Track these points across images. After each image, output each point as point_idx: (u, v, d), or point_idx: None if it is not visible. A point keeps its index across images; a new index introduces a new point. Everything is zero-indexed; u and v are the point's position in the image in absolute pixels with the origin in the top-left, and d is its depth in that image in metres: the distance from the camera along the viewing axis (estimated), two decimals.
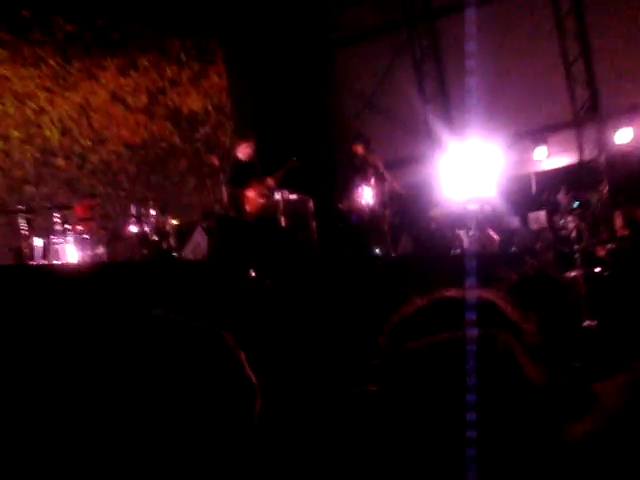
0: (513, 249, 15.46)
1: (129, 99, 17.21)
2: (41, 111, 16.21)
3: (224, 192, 15.78)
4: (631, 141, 16.17)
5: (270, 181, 14.20)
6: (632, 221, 14.43)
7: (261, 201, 14.09)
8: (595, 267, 13.16)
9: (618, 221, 14.66)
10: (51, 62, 16.34)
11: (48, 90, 16.38)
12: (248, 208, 14.06)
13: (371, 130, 17.12)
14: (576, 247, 14.37)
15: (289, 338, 8.96)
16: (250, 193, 13.93)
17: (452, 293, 2.29)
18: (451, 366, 1.83)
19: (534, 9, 17.24)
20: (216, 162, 16.20)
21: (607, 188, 15.44)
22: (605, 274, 12.92)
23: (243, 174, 14.05)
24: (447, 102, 18.21)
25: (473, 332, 1.89)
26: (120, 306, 8.25)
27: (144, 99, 17.38)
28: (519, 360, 1.85)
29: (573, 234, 14.89)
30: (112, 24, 17.13)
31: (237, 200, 14.22)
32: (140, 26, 17.57)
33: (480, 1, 15.84)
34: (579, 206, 14.99)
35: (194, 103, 18.12)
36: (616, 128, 16.55)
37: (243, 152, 14.20)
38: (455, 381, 1.81)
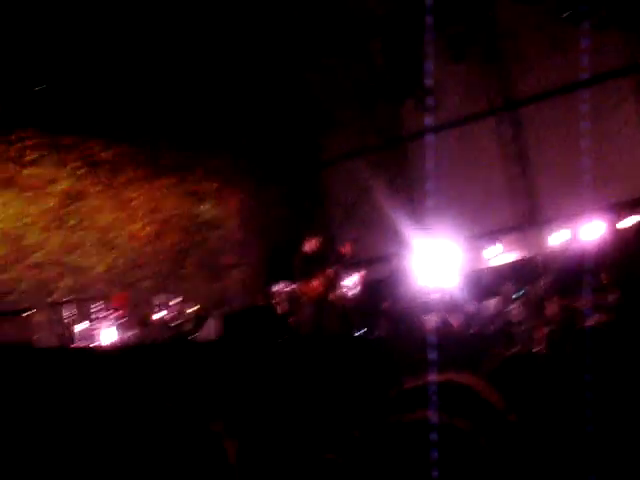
0: (471, 331, 14.92)
1: (160, 211, 17.15)
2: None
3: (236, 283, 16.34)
4: (563, 243, 16.09)
5: (330, 271, 13.92)
6: (563, 308, 13.81)
7: (321, 288, 13.83)
8: (535, 346, 12.21)
9: (550, 308, 14.11)
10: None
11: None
12: (310, 293, 13.85)
13: (351, 234, 16.96)
14: (519, 329, 14.10)
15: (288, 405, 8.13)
16: (314, 281, 13.74)
17: (439, 377, 2.29)
18: (413, 442, 1.80)
19: (481, 137, 17.25)
20: (229, 260, 16.73)
21: (544, 281, 15.03)
22: (542, 353, 12.91)
23: (308, 265, 13.89)
24: (415, 211, 17.92)
25: (434, 417, 1.85)
26: (139, 387, 8.02)
27: (169, 209, 17.34)
28: (477, 441, 1.81)
29: (516, 319, 14.59)
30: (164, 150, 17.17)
31: (300, 289, 13.94)
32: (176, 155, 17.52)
33: (439, 129, 16.41)
34: (522, 296, 14.83)
35: (209, 212, 18.03)
36: (551, 232, 16.44)
37: (309, 246, 14.04)
38: (417, 453, 1.77)
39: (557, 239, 16.30)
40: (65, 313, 12.77)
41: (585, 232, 15.58)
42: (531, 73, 16.50)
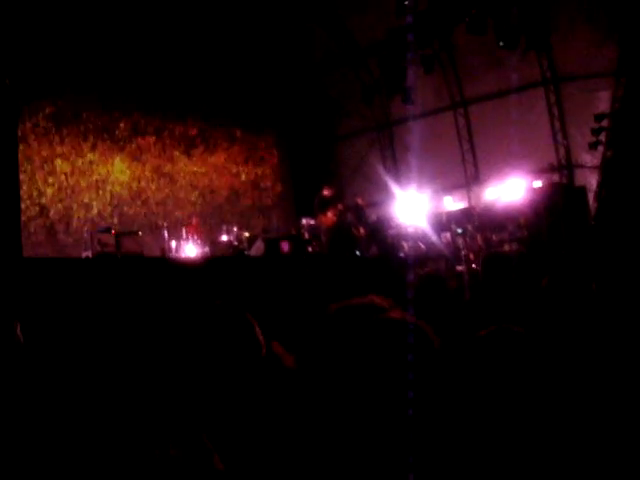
0: (432, 253, 14.89)
1: (227, 170, 17.74)
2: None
3: (274, 218, 16.51)
4: (494, 198, 16.24)
5: (340, 206, 14.31)
6: (486, 240, 14.71)
7: (335, 218, 14.14)
8: (471, 265, 13.58)
9: (479, 240, 14.89)
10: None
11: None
12: (327, 222, 14.03)
13: (356, 187, 17.71)
14: (462, 253, 14.81)
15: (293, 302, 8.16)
16: (329, 213, 14.12)
17: (358, 301, 2.17)
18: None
19: (443, 124, 17.67)
20: (269, 202, 17.15)
21: (478, 221, 15.24)
22: (475, 268, 12.99)
23: (325, 203, 14.29)
24: (398, 171, 18.46)
25: (410, 317, 1.71)
26: (210, 285, 8.40)
27: (234, 170, 18.00)
28: (430, 335, 1.66)
29: (460, 246, 15.26)
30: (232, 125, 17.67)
31: (319, 219, 14.18)
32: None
33: (415, 118, 16.71)
34: (462, 232, 15.41)
35: (259, 171, 18.58)
36: (487, 189, 16.93)
37: (326, 192, 14.37)
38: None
39: (491, 194, 16.66)
40: (164, 234, 13.18)
41: (509, 190, 15.82)
42: (477, 82, 17.01)
